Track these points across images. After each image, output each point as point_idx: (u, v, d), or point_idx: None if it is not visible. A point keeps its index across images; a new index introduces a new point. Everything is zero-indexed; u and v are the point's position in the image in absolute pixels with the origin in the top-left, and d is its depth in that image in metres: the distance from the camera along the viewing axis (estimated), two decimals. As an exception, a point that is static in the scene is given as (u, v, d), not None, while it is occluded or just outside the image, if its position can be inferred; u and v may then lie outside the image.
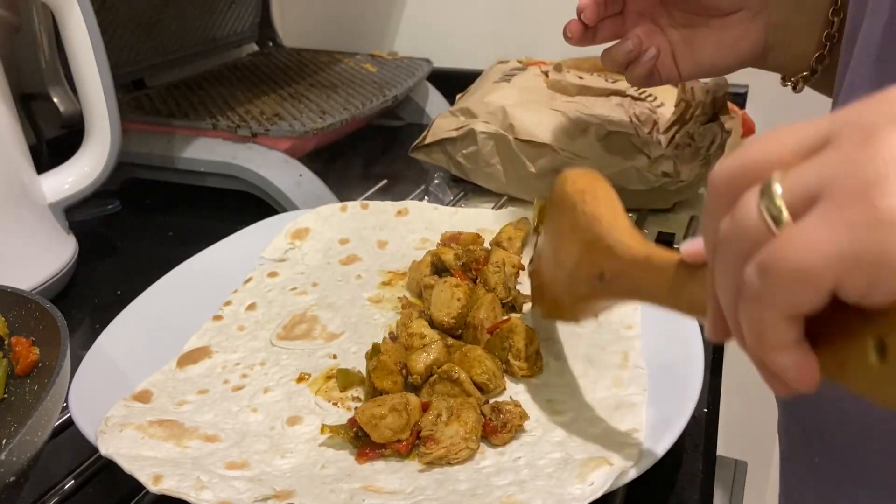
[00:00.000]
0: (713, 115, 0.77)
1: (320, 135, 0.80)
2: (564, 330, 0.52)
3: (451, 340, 0.51)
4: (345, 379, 0.48)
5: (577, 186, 0.41)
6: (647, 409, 0.43)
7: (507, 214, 0.65)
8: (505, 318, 0.51)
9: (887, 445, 0.42)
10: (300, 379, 0.49)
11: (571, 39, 0.59)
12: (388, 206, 0.67)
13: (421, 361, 0.46)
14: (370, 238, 0.65)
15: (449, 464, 0.41)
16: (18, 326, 0.48)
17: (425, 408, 0.44)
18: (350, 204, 0.67)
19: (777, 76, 0.60)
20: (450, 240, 0.61)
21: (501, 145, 0.75)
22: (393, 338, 0.51)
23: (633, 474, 0.38)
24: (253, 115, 0.83)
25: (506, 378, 0.48)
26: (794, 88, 0.59)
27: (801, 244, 0.22)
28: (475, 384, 0.46)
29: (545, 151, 0.72)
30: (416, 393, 0.46)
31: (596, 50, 0.60)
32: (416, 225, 0.66)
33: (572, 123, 0.74)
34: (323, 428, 0.44)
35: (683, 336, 0.48)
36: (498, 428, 0.42)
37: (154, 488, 0.37)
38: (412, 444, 0.42)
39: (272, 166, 0.77)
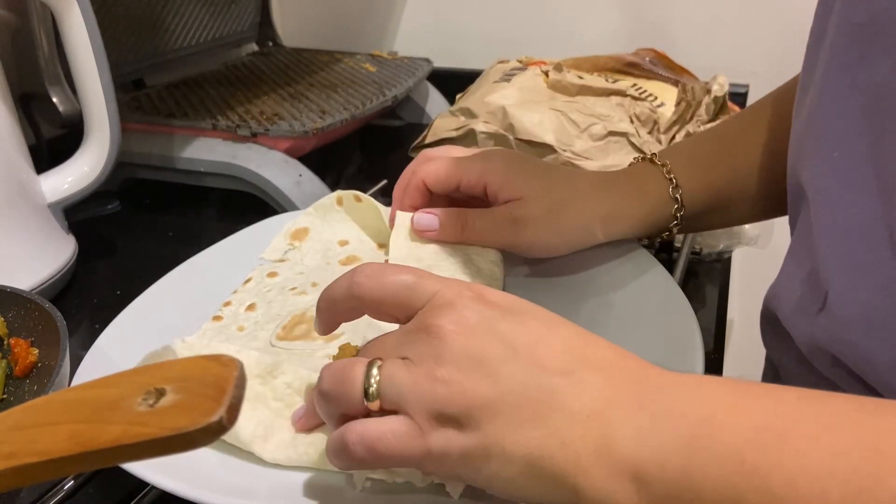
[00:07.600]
0: (713, 115, 0.77)
1: (320, 135, 0.80)
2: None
3: None
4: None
5: None
6: (647, 409, 0.42)
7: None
8: None
9: None
10: (300, 379, 0.49)
11: None
12: (382, 208, 0.65)
13: None
14: (369, 239, 0.65)
15: None
16: (18, 326, 0.48)
17: None
18: (345, 196, 0.65)
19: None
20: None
21: (501, 145, 0.75)
22: None
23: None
24: (253, 114, 0.83)
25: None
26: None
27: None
28: None
29: (545, 151, 0.72)
30: None
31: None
32: None
33: (572, 123, 0.74)
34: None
35: (683, 337, 0.48)
36: None
37: None
38: None
39: (272, 166, 0.77)
